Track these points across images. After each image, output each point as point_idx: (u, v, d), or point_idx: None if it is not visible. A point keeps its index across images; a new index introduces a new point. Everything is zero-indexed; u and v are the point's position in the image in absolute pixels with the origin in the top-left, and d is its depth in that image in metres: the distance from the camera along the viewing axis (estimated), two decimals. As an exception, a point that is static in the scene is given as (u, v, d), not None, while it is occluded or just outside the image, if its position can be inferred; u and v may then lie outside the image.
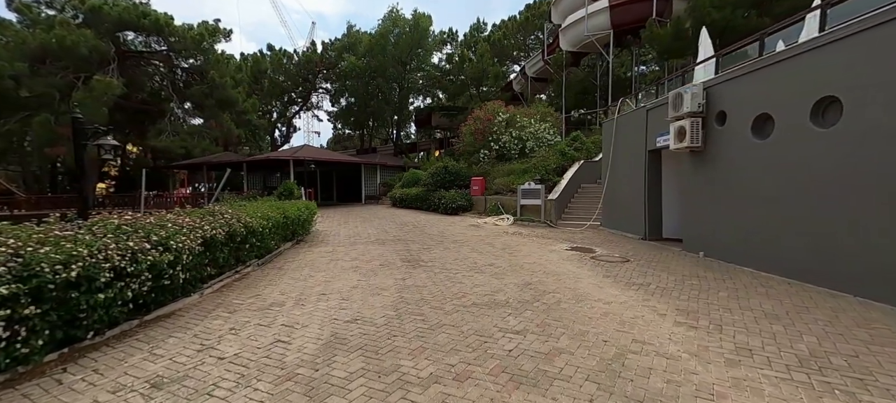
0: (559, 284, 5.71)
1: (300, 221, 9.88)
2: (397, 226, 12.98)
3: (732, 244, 6.61)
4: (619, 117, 10.72)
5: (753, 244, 6.17)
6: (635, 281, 5.86)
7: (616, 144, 10.82)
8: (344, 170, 27.19)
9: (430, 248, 8.89)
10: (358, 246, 9.55)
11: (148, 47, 20.37)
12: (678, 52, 18.66)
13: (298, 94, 38.42)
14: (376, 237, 10.79)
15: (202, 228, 5.46)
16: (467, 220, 14.28)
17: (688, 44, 18.03)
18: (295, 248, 9.31)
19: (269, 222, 7.75)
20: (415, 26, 30.51)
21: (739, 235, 6.46)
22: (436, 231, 11.83)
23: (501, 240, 9.85)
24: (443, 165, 17.82)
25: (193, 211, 6.22)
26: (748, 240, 6.28)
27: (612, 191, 10.99)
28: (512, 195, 14.80)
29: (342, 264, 7.45)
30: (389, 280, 6.19)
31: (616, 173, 10.80)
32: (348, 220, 15.24)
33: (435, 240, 10.02)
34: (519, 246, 8.99)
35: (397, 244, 9.60)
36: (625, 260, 7.24)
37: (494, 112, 18.65)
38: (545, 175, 14.30)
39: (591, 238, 10.04)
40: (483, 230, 11.93)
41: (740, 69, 6.44)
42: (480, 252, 8.39)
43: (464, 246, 9.22)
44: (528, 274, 6.37)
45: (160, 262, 4.38)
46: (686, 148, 7.29)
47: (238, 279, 6.41)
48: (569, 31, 22.83)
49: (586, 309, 4.65)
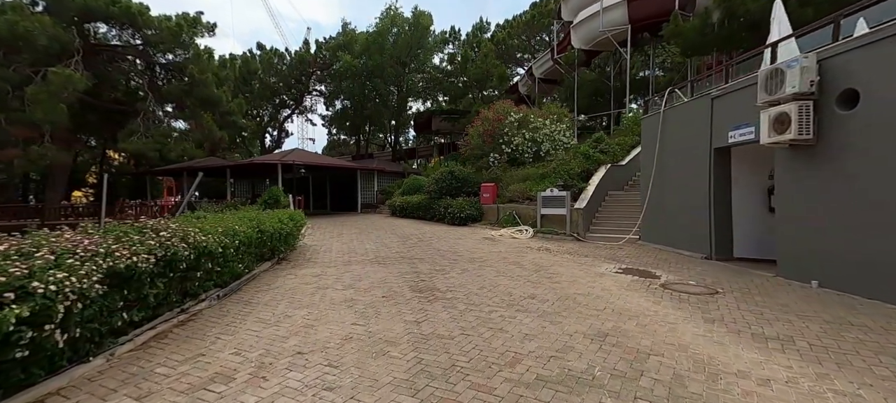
0: (652, 337, 3.86)
1: (281, 236, 7.98)
2: (399, 240, 11.11)
3: (869, 273, 4.81)
4: (668, 111, 8.98)
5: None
6: (762, 330, 4.02)
7: (662, 143, 9.07)
8: (338, 176, 25.28)
9: (444, 271, 7.02)
10: (353, 266, 7.67)
11: (122, 41, 18.45)
12: (704, 49, 17.08)
13: (290, 97, 36.46)
14: (375, 254, 8.90)
15: (113, 254, 3.56)
16: (479, 232, 12.43)
17: (714, 40, 16.50)
18: (274, 270, 7.40)
19: (234, 239, 5.85)
20: (415, 25, 28.83)
21: (885, 261, 4.67)
22: (445, 245, 9.97)
23: (529, 259, 8.01)
24: (448, 170, 16.00)
25: (114, 228, 4.32)
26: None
27: (658, 199, 9.21)
28: (529, 203, 13.00)
29: (332, 295, 5.57)
30: (398, 324, 4.33)
31: (663, 177, 9.03)
32: (342, 232, 13.33)
33: (447, 259, 8.16)
34: (554, 267, 7.15)
35: (402, 264, 7.72)
36: (712, 291, 5.42)
37: (505, 112, 16.92)
38: (568, 180, 12.54)
39: (639, 256, 8.22)
40: (501, 244, 10.09)
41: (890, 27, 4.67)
42: (510, 276, 6.54)
43: (485, 266, 7.37)
44: (594, 314, 4.52)
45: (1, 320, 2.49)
46: (786, 141, 5.53)
47: (181, 323, 4.49)
48: (581, 28, 21.26)
49: (737, 398, 2.80)
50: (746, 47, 15.85)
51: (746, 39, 16.04)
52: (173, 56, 18.92)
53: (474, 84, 28.60)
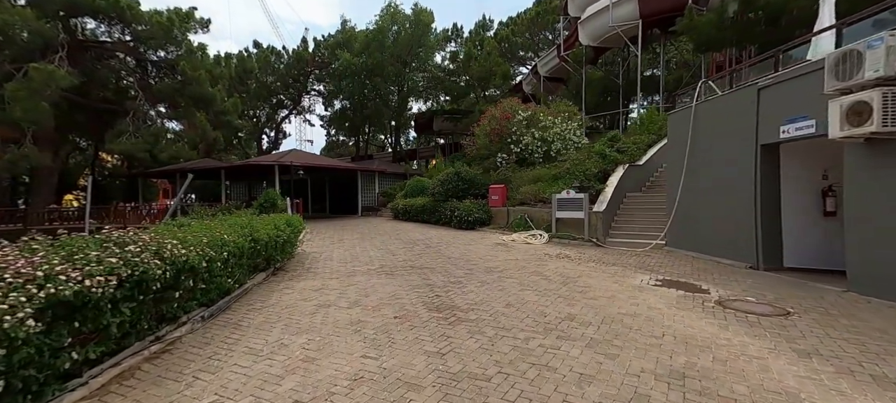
0: (744, 380, 3.06)
1: (277, 244, 7.18)
2: (406, 246, 10.32)
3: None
4: (702, 105, 8.22)
5: None
6: (881, 370, 3.21)
7: (694, 141, 8.31)
8: (337, 177, 24.43)
9: (460, 283, 6.23)
10: (357, 277, 6.89)
11: (111, 37, 17.58)
12: (720, 44, 16.37)
13: (288, 97, 35.53)
14: (381, 262, 8.11)
15: (56, 279, 2.76)
16: (489, 237, 11.65)
17: (731, 34, 15.78)
18: (269, 283, 6.60)
19: (222, 250, 5.04)
20: (415, 22, 28.02)
21: None
22: (456, 252, 9.19)
23: (551, 268, 7.23)
24: (454, 171, 15.21)
25: (68, 242, 3.51)
26: None
27: (690, 202, 8.44)
28: (542, 206, 12.23)
29: (335, 316, 4.77)
30: (418, 357, 3.54)
31: (696, 178, 8.27)
32: (343, 237, 12.53)
33: (461, 268, 7.37)
34: (583, 279, 6.37)
35: (412, 274, 6.93)
36: (781, 311, 4.63)
37: (513, 110, 16.15)
38: (584, 181, 11.76)
39: (672, 265, 7.44)
40: (515, 251, 9.32)
41: None
42: (536, 289, 5.75)
43: (505, 277, 6.59)
44: (654, 344, 3.73)
45: None
46: (864, 135, 4.77)
47: (153, 356, 3.70)
48: (589, 24, 20.53)
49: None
50: (763, 42, 15.20)
51: (764, 33, 15.37)
52: (165, 53, 18.05)
53: (477, 83, 27.81)
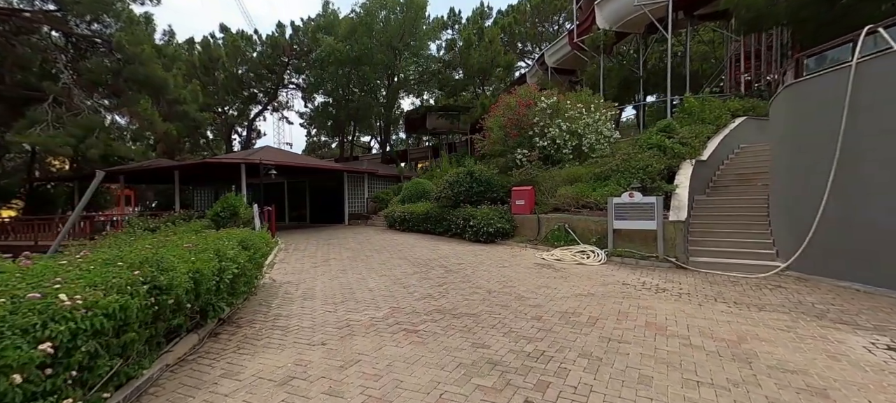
0: None
1: (220, 285, 4.13)
2: (418, 269, 7.38)
3: None
4: (870, 64, 5.61)
5: None
6: None
7: (852, 119, 5.70)
8: (320, 180, 21.11)
9: (545, 356, 3.35)
10: (357, 339, 3.98)
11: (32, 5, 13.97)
12: (771, 21, 14.14)
13: (262, 90, 31.86)
14: (391, 303, 5.16)
15: None
16: (521, 253, 8.84)
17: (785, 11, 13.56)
18: (197, 360, 3.58)
19: (68, 325, 2.01)
20: (407, 5, 25.02)
21: None
22: (492, 280, 6.35)
23: (664, 313, 4.45)
24: (467, 171, 12.34)
25: None
26: None
27: (847, 209, 5.82)
28: (587, 213, 9.50)
29: None
30: None
31: (859, 174, 5.66)
32: (329, 256, 9.46)
33: (520, 314, 4.52)
34: (750, 344, 3.61)
35: (451, 333, 4.03)
36: None
37: (532, 96, 13.43)
38: (645, 180, 9.11)
39: (858, 305, 4.78)
40: (573, 277, 6.56)
41: None
42: (698, 376, 2.94)
43: (610, 337, 3.78)
44: None
45: None
46: None
47: None
48: (608, 5, 18.13)
49: None
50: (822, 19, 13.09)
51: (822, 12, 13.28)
52: (100, 25, 14.51)
53: (476, 75, 25.03)
